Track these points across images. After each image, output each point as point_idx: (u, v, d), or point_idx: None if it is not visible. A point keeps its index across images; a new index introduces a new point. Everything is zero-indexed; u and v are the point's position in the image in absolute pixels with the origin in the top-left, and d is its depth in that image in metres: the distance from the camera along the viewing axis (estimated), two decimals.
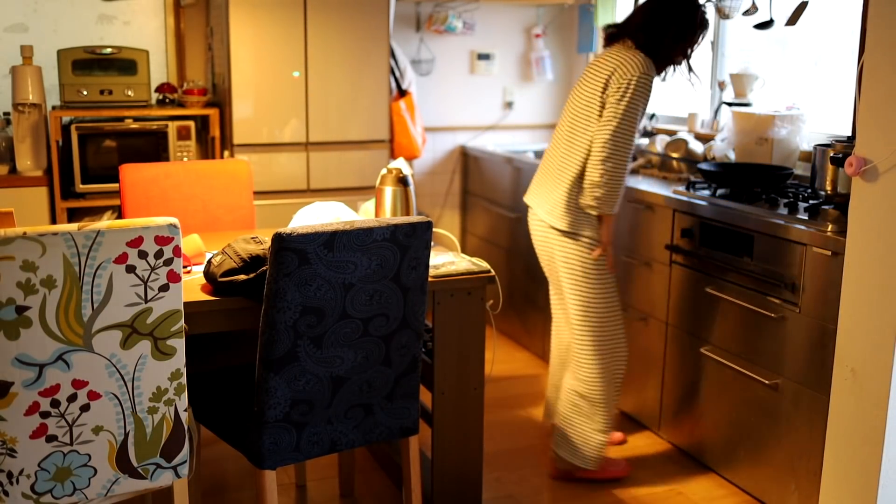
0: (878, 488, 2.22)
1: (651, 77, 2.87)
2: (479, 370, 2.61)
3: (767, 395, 2.79)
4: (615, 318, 2.98)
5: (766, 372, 2.80)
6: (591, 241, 2.92)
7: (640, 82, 2.83)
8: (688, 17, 2.91)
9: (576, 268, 2.94)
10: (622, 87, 2.82)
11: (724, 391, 2.98)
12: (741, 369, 2.88)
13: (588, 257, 2.93)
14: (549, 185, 2.98)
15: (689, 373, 3.15)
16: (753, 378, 2.83)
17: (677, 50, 2.93)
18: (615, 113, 2.82)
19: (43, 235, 1.71)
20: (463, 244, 4.94)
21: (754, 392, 2.85)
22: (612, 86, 2.85)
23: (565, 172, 2.92)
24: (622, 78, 2.83)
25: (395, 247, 2.13)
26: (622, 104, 2.82)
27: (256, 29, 3.90)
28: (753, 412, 2.86)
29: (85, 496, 1.91)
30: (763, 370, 2.81)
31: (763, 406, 2.81)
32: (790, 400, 2.70)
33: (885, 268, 2.15)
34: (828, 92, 3.44)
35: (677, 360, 3.22)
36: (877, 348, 2.19)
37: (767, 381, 2.77)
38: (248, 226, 3.21)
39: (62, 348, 1.79)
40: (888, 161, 2.12)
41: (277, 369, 2.08)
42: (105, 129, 3.89)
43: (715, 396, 3.03)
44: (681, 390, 3.21)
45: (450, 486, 2.66)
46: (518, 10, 4.90)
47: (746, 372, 2.86)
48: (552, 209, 2.95)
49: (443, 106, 4.86)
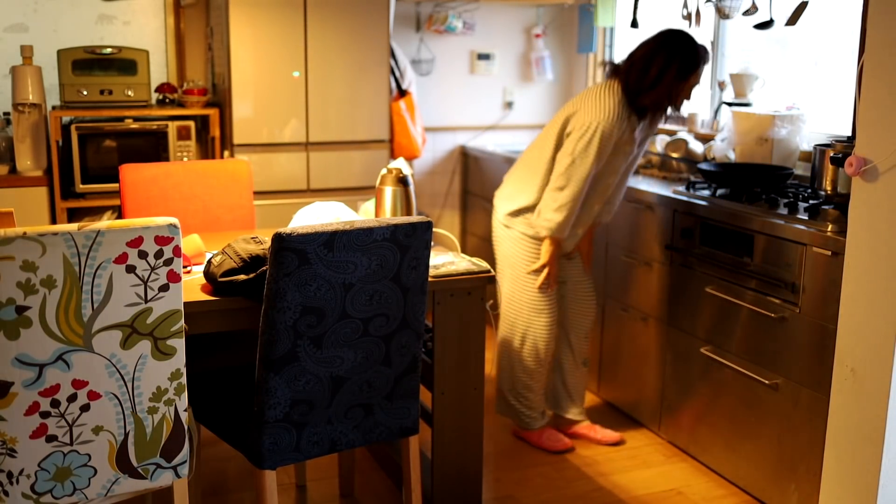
0: (878, 488, 2.22)
1: (614, 128, 2.99)
2: (479, 370, 2.61)
3: (767, 395, 2.79)
4: (537, 328, 3.20)
5: (766, 372, 2.80)
6: (525, 238, 3.16)
7: (603, 130, 2.97)
8: (679, 66, 2.98)
9: (508, 256, 3.24)
10: (583, 129, 2.98)
11: (724, 391, 2.98)
12: (741, 369, 2.88)
13: (524, 251, 3.17)
14: (514, 186, 3.23)
15: (689, 373, 3.15)
16: (753, 378, 2.83)
17: (663, 96, 3.01)
18: (572, 150, 2.99)
19: (43, 235, 1.71)
20: (463, 244, 4.94)
21: (754, 392, 2.85)
22: (575, 122, 3.01)
23: (528, 181, 3.16)
24: (585, 118, 2.98)
25: (395, 247, 2.13)
26: (581, 142, 2.98)
27: (256, 29, 3.90)
28: (753, 412, 2.86)
29: (85, 496, 1.91)
30: (763, 370, 2.81)
31: (763, 406, 2.81)
32: (790, 400, 2.70)
33: (885, 268, 2.15)
34: (828, 92, 3.44)
35: (677, 360, 3.22)
36: (877, 348, 2.19)
37: (767, 381, 2.77)
38: (248, 226, 3.21)
39: (62, 348, 1.79)
40: (888, 161, 2.12)
41: (277, 369, 2.08)
42: (105, 129, 3.89)
43: (715, 396, 3.03)
44: (681, 390, 3.21)
45: (450, 486, 2.66)
46: (518, 10, 4.90)
47: (746, 372, 2.86)
48: (508, 196, 3.22)
49: (443, 106, 4.86)
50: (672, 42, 2.99)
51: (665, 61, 2.96)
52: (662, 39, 3.00)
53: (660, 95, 2.99)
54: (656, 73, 2.96)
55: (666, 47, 2.98)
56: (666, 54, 2.97)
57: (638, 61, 3.01)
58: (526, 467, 3.18)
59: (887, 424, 2.18)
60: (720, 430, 3.03)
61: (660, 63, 2.96)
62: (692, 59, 2.98)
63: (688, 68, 2.98)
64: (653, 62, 2.97)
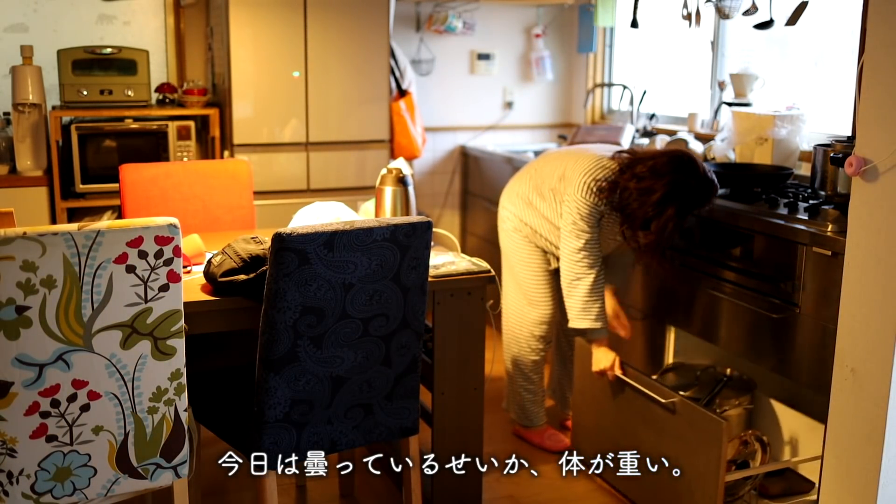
0: (878, 488, 2.21)
1: (598, 209, 2.87)
2: (479, 370, 2.60)
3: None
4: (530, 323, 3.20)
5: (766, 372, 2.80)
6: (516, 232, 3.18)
7: (590, 213, 2.87)
8: (679, 209, 2.75)
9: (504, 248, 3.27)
10: (573, 214, 2.89)
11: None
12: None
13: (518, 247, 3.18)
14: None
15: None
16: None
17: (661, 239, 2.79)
18: (568, 230, 2.91)
19: (43, 235, 1.71)
20: (463, 244, 4.94)
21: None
22: (566, 197, 2.92)
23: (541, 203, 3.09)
24: (572, 204, 2.88)
25: (395, 247, 2.13)
26: (577, 223, 2.89)
27: (256, 29, 3.90)
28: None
29: (85, 496, 1.91)
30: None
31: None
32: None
33: (886, 268, 2.15)
34: (828, 92, 3.44)
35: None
36: (877, 348, 2.19)
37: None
38: (248, 226, 3.21)
39: (62, 348, 1.79)
40: (888, 161, 2.12)
41: (277, 369, 2.08)
42: (105, 129, 3.89)
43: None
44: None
45: (450, 486, 2.66)
46: (518, 10, 4.90)
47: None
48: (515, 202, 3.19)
49: (443, 106, 4.85)
50: (679, 187, 2.73)
51: (666, 202, 2.73)
52: (671, 188, 2.73)
53: (656, 238, 2.77)
54: (654, 212, 2.73)
55: (673, 191, 2.72)
56: (670, 197, 2.72)
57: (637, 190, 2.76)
58: (526, 467, 3.17)
59: (887, 424, 2.18)
60: None
61: (661, 206, 2.73)
62: (698, 200, 2.77)
63: (690, 208, 2.77)
64: (654, 194, 2.73)
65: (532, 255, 3.15)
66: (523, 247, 3.17)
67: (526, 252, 3.16)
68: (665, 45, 4.43)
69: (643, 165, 2.76)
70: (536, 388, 3.29)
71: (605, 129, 4.35)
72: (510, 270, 3.24)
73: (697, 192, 2.74)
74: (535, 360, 3.24)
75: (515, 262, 3.20)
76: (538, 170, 3.14)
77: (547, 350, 3.28)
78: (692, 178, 2.73)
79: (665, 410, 2.62)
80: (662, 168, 2.73)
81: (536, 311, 3.19)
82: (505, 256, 3.27)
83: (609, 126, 4.41)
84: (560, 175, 2.97)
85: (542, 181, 3.07)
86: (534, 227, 3.11)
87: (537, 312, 3.19)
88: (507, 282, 3.26)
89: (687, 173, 2.72)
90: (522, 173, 3.24)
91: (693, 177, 2.73)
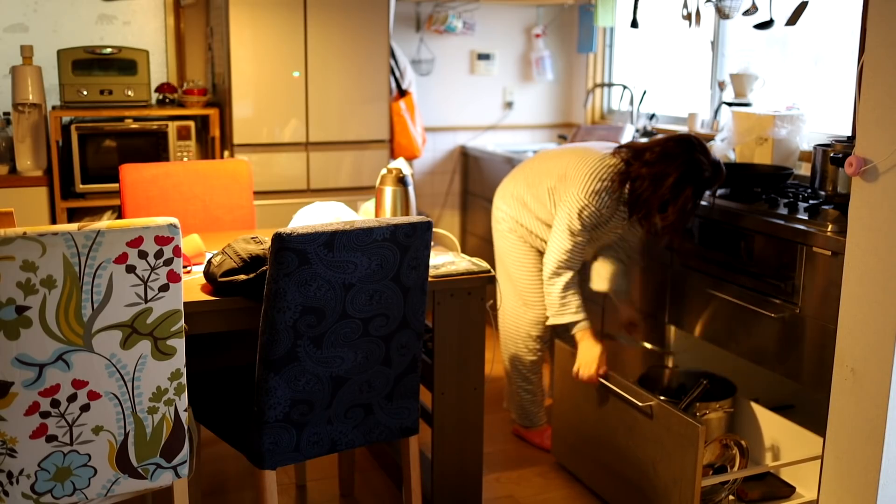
0: (878, 488, 2.21)
1: (599, 212, 2.86)
2: (479, 370, 2.60)
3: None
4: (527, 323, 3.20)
5: (765, 372, 2.80)
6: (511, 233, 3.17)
7: (591, 215, 2.87)
8: (694, 190, 2.75)
9: (498, 249, 3.27)
10: (572, 213, 2.87)
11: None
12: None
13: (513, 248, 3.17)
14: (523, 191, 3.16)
15: None
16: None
17: (654, 208, 2.78)
18: (561, 228, 2.91)
19: (43, 235, 1.71)
20: (463, 244, 4.94)
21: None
22: (564, 196, 2.90)
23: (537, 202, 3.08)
24: (573, 203, 2.86)
25: (395, 247, 2.13)
26: (572, 223, 2.88)
27: (256, 29, 3.90)
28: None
29: (85, 496, 1.91)
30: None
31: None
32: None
33: (886, 268, 2.15)
34: (828, 92, 3.44)
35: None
36: (877, 348, 2.19)
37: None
38: (248, 226, 3.21)
39: (62, 348, 1.79)
40: (888, 161, 2.12)
41: (277, 369, 2.08)
42: (105, 129, 3.89)
43: None
44: None
45: (450, 486, 2.66)
46: (518, 10, 4.90)
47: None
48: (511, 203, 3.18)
49: (443, 106, 4.86)
50: (689, 169, 2.74)
51: (680, 185, 2.73)
52: (680, 173, 2.73)
53: (676, 221, 2.77)
54: (669, 195, 2.74)
55: (683, 175, 2.74)
56: (682, 181, 2.73)
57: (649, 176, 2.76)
58: (526, 467, 3.18)
59: (887, 424, 2.18)
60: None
61: (674, 190, 2.73)
62: (707, 182, 2.78)
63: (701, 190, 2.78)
64: (666, 182, 2.73)
65: (527, 256, 3.15)
66: (518, 247, 3.16)
67: (521, 253, 3.16)
68: (665, 45, 4.44)
69: (651, 153, 2.77)
70: (535, 388, 3.28)
71: (605, 129, 4.36)
72: (505, 271, 3.24)
73: (710, 169, 2.76)
74: (532, 360, 3.24)
75: (510, 262, 3.20)
76: (533, 169, 3.13)
77: (544, 350, 3.28)
78: (703, 156, 2.75)
79: (642, 414, 2.62)
80: (672, 150, 2.74)
81: (532, 311, 3.19)
82: (500, 257, 3.27)
83: (609, 126, 4.41)
84: (561, 174, 2.96)
85: (538, 180, 3.07)
86: (529, 227, 3.11)
87: (533, 313, 3.19)
88: (502, 282, 3.26)
89: (698, 151, 2.75)
90: (517, 173, 3.23)
91: (704, 154, 2.75)
